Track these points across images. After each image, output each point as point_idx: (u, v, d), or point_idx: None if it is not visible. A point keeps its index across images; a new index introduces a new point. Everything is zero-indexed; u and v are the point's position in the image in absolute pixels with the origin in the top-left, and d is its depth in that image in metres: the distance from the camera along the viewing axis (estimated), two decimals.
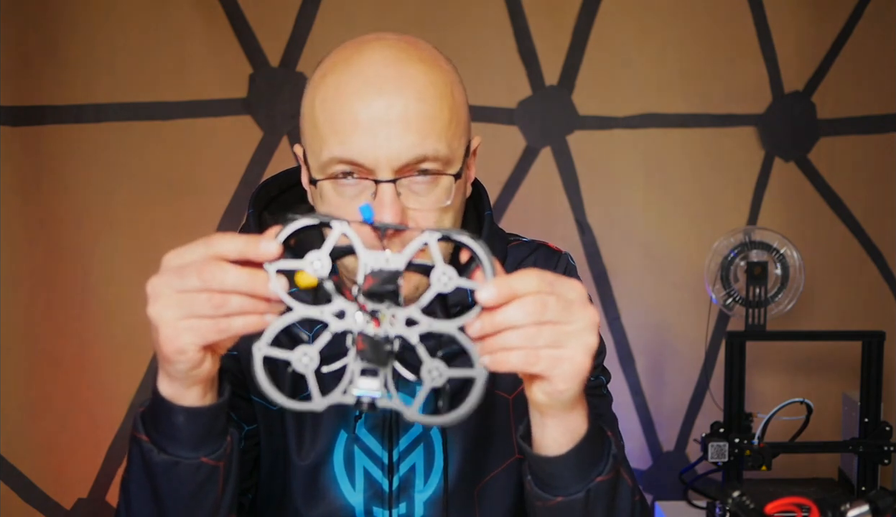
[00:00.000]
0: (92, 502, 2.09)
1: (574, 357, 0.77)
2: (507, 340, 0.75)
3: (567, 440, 0.84)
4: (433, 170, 0.93)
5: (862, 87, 2.21)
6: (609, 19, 2.14)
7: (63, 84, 2.01)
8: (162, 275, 0.78)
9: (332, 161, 0.93)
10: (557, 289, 0.77)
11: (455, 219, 0.98)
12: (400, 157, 0.91)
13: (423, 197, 0.94)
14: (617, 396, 1.17)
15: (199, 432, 0.85)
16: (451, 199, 0.95)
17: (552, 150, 2.18)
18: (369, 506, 1.05)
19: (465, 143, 0.99)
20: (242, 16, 2.05)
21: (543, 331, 0.75)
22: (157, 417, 0.85)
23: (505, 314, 0.75)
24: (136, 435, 0.87)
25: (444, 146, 0.93)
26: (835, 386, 2.21)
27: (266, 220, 1.10)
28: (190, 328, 0.76)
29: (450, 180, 0.95)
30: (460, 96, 0.98)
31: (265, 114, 2.08)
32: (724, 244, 1.99)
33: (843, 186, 2.23)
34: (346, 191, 0.94)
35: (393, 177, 0.91)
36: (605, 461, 0.87)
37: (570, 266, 1.13)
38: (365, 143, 0.90)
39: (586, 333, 0.77)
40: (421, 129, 0.91)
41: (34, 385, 2.04)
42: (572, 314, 0.77)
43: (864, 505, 0.87)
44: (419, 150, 0.91)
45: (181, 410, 0.83)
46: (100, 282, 2.06)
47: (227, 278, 0.75)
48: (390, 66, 0.92)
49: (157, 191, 2.07)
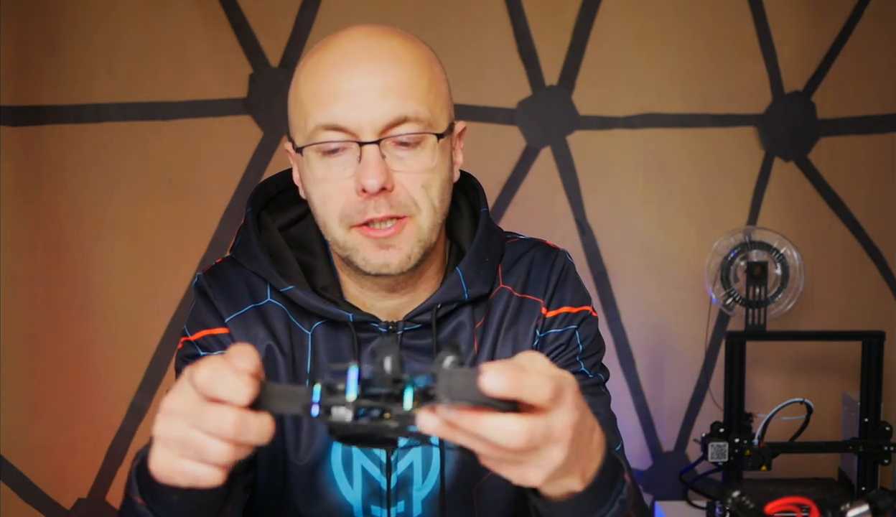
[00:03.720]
0: (92, 502, 2.09)
1: (526, 475, 0.68)
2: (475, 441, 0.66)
3: (559, 492, 0.77)
4: (416, 131, 0.95)
5: (862, 87, 2.21)
6: (609, 19, 2.14)
7: (63, 84, 2.01)
8: (165, 418, 0.71)
9: (318, 129, 0.95)
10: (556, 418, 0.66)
11: (443, 183, 1.00)
12: (382, 118, 0.94)
13: (408, 160, 0.96)
14: (617, 396, 1.17)
15: (195, 509, 0.80)
16: (435, 159, 0.97)
17: (552, 150, 2.18)
18: (367, 505, 1.05)
19: (448, 117, 1.01)
20: (242, 16, 2.05)
21: (493, 456, 0.67)
22: (152, 488, 0.79)
23: (488, 428, 0.63)
24: (132, 496, 0.82)
25: (424, 109, 0.96)
26: (835, 386, 2.21)
27: (265, 220, 1.10)
28: (205, 469, 0.70)
29: (433, 141, 0.97)
30: (439, 72, 1.01)
31: (265, 114, 2.08)
32: (724, 244, 1.99)
33: (843, 186, 2.23)
34: (332, 161, 0.96)
35: (376, 138, 0.94)
36: (610, 505, 0.80)
37: (567, 263, 1.13)
38: (347, 108, 0.94)
39: (547, 459, 0.67)
40: (401, 93, 0.94)
41: (34, 385, 2.04)
42: (552, 445, 0.67)
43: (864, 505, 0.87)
44: (400, 110, 0.94)
45: (174, 491, 0.75)
46: (100, 282, 2.06)
47: (225, 426, 0.68)
48: (367, 39, 0.97)
49: (157, 191, 2.07)
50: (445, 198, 1.01)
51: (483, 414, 0.63)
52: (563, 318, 1.09)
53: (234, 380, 0.67)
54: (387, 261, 0.98)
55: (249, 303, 1.06)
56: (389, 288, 1.04)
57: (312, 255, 1.09)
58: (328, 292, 1.06)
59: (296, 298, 1.04)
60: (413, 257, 0.99)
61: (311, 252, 1.10)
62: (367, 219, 0.96)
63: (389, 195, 0.95)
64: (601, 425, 1.05)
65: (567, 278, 1.11)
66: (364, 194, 0.95)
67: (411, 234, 0.98)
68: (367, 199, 0.95)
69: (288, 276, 1.05)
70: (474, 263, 1.06)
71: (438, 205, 0.99)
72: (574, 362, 1.08)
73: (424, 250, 1.00)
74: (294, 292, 1.03)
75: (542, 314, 1.08)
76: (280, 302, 1.06)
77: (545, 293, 1.09)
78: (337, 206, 0.97)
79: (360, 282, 1.06)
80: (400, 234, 0.97)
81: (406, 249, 0.98)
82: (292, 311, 1.06)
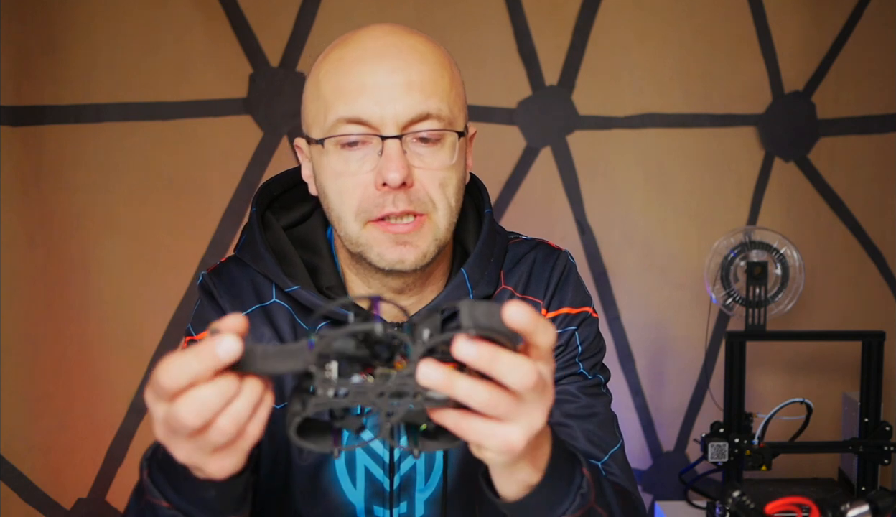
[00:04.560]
0: (92, 502, 2.09)
1: (508, 436, 0.68)
2: None
3: (516, 489, 0.78)
4: (437, 128, 0.95)
5: (862, 87, 2.21)
6: (609, 19, 2.15)
7: (63, 84, 2.01)
8: (158, 427, 0.69)
9: (339, 122, 0.95)
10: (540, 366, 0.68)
11: (458, 182, 1.00)
12: (406, 113, 0.94)
13: (429, 157, 0.96)
14: (617, 396, 1.17)
15: (231, 499, 0.80)
16: (455, 157, 0.97)
17: (552, 150, 2.18)
18: (370, 505, 1.05)
19: (465, 119, 1.02)
20: (242, 16, 2.05)
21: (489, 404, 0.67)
22: (180, 488, 0.79)
23: (505, 363, 0.65)
24: (154, 501, 0.81)
25: (445, 107, 0.96)
26: (835, 386, 2.21)
27: (269, 220, 1.10)
28: (226, 456, 0.69)
29: (454, 138, 0.97)
30: (458, 75, 1.02)
31: (265, 114, 2.08)
32: (724, 244, 1.99)
33: (843, 186, 2.23)
34: (352, 156, 0.96)
35: (398, 132, 0.94)
36: (571, 500, 0.81)
37: (568, 264, 1.13)
38: (370, 103, 0.93)
39: (533, 417, 0.69)
40: (424, 89, 0.94)
41: (34, 385, 2.04)
42: (526, 403, 0.68)
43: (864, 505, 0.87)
44: (423, 107, 0.94)
45: (213, 485, 0.76)
46: (100, 283, 2.06)
47: (195, 415, 0.65)
48: (391, 36, 0.97)
49: (158, 191, 2.07)
50: (460, 198, 1.01)
51: (500, 350, 0.65)
52: (563, 319, 1.09)
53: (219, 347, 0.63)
54: (402, 257, 0.97)
55: (255, 302, 1.06)
56: (398, 290, 1.04)
57: (317, 254, 1.09)
58: (333, 293, 1.06)
59: (301, 298, 1.03)
60: (428, 255, 0.99)
61: (316, 252, 1.09)
62: (385, 213, 0.95)
63: (409, 191, 0.95)
64: (600, 425, 1.06)
65: (568, 279, 1.11)
66: (384, 188, 0.94)
67: (428, 232, 0.98)
68: (386, 193, 0.95)
69: (293, 276, 1.05)
70: (479, 264, 1.06)
71: (454, 204, 1.00)
72: (573, 363, 1.08)
73: (439, 248, 1.00)
74: (299, 292, 1.03)
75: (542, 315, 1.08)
76: (285, 302, 1.06)
77: (545, 294, 1.09)
78: (354, 200, 0.97)
79: (367, 282, 1.05)
80: (418, 232, 0.97)
81: (423, 247, 0.98)
82: (297, 311, 1.06)
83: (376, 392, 0.66)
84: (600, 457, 1.03)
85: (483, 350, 0.64)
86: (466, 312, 0.65)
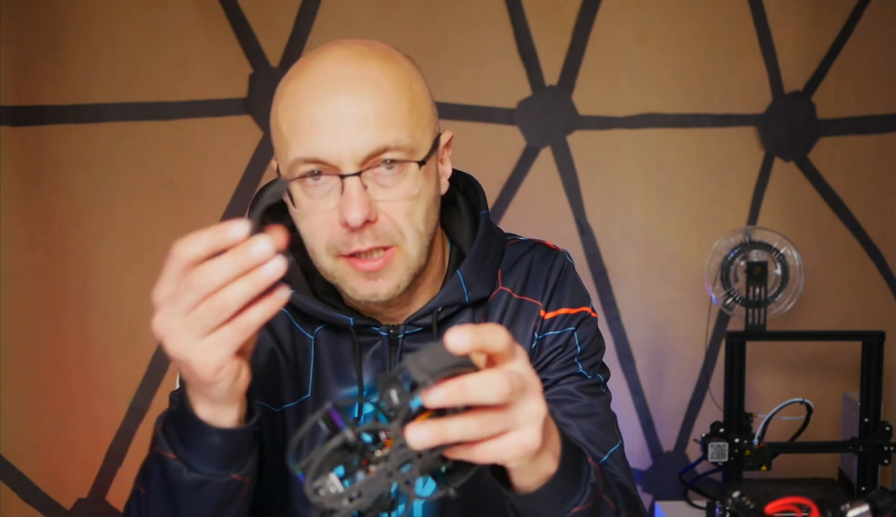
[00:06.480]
0: (92, 502, 2.09)
1: (521, 440, 0.70)
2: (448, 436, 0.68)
3: (535, 481, 0.80)
4: (398, 159, 0.93)
5: (862, 87, 2.21)
6: (609, 19, 2.15)
7: (63, 84, 2.01)
8: (160, 311, 0.76)
9: (297, 162, 0.93)
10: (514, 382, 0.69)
11: (427, 210, 0.98)
12: (362, 150, 0.91)
13: (391, 188, 0.94)
14: (617, 396, 1.17)
15: (233, 451, 0.84)
16: (418, 186, 0.95)
17: (552, 150, 2.18)
18: None
19: (432, 135, 0.99)
20: (242, 16, 2.05)
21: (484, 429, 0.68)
22: (187, 437, 0.83)
23: (474, 387, 0.66)
24: (162, 452, 0.84)
25: (405, 135, 0.93)
26: (835, 386, 2.21)
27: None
28: (216, 343, 0.74)
29: (415, 168, 0.95)
30: (420, 89, 0.98)
31: (265, 114, 2.06)
32: (724, 244, 1.98)
33: (843, 186, 2.23)
34: (315, 192, 0.95)
35: (357, 170, 0.92)
36: (582, 491, 0.83)
37: (566, 264, 1.12)
38: (326, 141, 0.91)
39: (531, 409, 0.70)
40: (379, 122, 0.92)
41: (34, 385, 2.04)
42: (529, 395, 0.70)
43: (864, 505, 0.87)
44: (379, 140, 0.92)
45: (218, 432, 0.81)
46: (100, 282, 2.06)
47: (212, 275, 0.73)
48: (344, 66, 0.93)
49: (158, 191, 2.07)
50: (431, 218, 0.99)
51: (464, 377, 0.66)
52: (561, 320, 1.08)
53: (232, 225, 0.72)
54: (375, 291, 0.97)
55: None
56: (384, 304, 1.03)
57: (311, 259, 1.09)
58: (328, 297, 1.06)
59: (298, 303, 1.03)
60: (402, 285, 0.98)
61: None
62: (353, 251, 0.95)
63: (374, 226, 0.93)
64: (600, 424, 1.05)
65: (566, 279, 1.11)
66: (347, 228, 0.93)
67: (399, 263, 0.97)
68: (350, 233, 0.94)
69: (290, 281, 1.05)
70: (474, 266, 1.06)
71: (424, 229, 0.98)
72: (572, 364, 1.08)
73: (413, 275, 0.99)
74: (296, 297, 1.03)
75: (540, 316, 1.08)
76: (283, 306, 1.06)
77: (543, 295, 1.09)
78: (323, 236, 0.95)
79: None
80: (389, 266, 0.96)
81: (395, 279, 0.96)
82: (295, 316, 1.06)
83: (385, 475, 0.67)
84: (600, 456, 1.03)
85: (450, 389, 0.65)
86: (414, 367, 0.65)
